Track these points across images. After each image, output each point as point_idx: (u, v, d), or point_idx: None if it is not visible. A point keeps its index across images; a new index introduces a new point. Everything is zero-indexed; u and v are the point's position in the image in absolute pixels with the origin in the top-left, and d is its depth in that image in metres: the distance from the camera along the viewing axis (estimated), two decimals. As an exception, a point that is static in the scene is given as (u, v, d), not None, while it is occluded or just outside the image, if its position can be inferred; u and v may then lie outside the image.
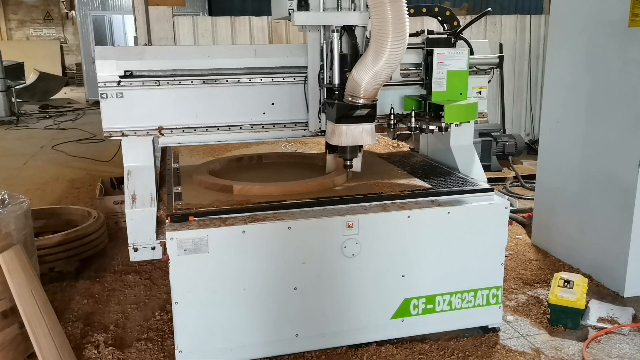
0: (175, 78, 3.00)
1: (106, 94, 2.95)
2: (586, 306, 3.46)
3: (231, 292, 2.86)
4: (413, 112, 3.13)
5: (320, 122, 3.18)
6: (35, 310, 2.87)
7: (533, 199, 5.00)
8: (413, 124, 3.13)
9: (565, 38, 4.28)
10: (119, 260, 4.45)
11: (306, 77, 3.13)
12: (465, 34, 3.33)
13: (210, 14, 13.47)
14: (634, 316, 3.52)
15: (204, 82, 3.04)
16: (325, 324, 3.04)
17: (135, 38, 7.54)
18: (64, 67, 20.45)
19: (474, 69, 3.43)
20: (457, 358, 3.09)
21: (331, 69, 3.01)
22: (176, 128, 3.08)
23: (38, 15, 21.53)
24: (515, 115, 8.20)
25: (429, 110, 3.19)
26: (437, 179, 3.40)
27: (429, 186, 3.25)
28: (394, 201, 3.09)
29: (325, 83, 3.07)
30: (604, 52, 3.89)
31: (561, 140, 4.36)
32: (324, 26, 3.01)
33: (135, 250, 3.00)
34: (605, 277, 3.97)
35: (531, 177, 6.20)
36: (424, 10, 3.30)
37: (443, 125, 3.05)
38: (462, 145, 3.60)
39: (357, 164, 3.27)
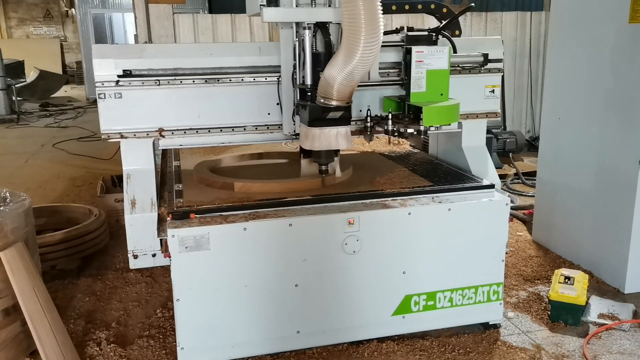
0: (176, 77, 2.94)
1: (104, 94, 2.88)
2: (587, 302, 3.47)
3: (232, 289, 2.86)
4: (390, 115, 2.94)
5: (294, 124, 3.07)
6: (38, 307, 2.88)
7: (534, 196, 5.00)
8: (390, 127, 2.94)
9: (565, 35, 4.28)
10: (120, 257, 4.45)
11: (279, 77, 3.02)
12: (465, 32, 3.28)
13: (210, 12, 13.46)
14: (634, 312, 3.52)
15: (206, 81, 2.99)
16: (326, 321, 3.04)
17: (136, 36, 7.54)
18: (64, 65, 20.43)
19: (458, 67, 3.30)
20: (457, 354, 3.10)
21: (304, 68, 2.88)
22: (177, 129, 3.02)
23: (38, 14, 21.50)
24: (516, 112, 8.20)
25: (408, 112, 3.01)
26: (438, 176, 3.41)
27: (430, 183, 3.25)
28: (394, 198, 3.09)
29: (298, 83, 2.94)
30: (604, 49, 3.89)
31: (562, 137, 4.36)
32: (297, 23, 2.88)
33: (135, 257, 2.95)
34: (606, 273, 3.97)
35: (532, 174, 6.20)
36: (407, 7, 3.21)
37: (422, 128, 2.86)
38: (474, 146, 3.51)
39: (337, 168, 3.19)
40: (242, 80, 3.03)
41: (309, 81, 2.86)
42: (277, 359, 3.05)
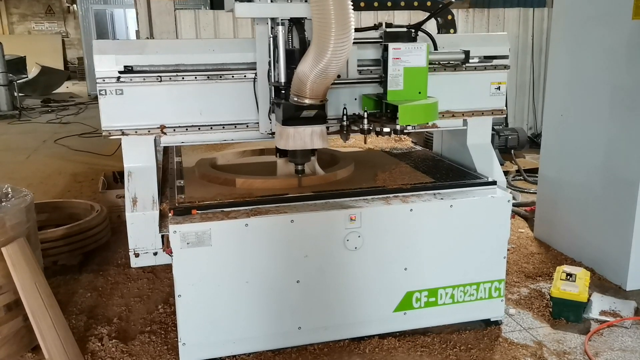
0: (178, 74, 2.91)
1: (105, 90, 2.84)
2: (588, 299, 3.46)
3: (234, 285, 2.86)
4: (366, 113, 2.87)
5: (271, 122, 3.01)
6: (39, 303, 2.88)
7: (535, 193, 4.99)
8: (365, 127, 2.86)
9: (568, 31, 4.26)
10: (122, 253, 4.46)
11: (255, 74, 2.95)
12: (467, 28, 3.24)
13: (211, 8, 13.42)
14: (636, 309, 3.52)
15: (208, 77, 2.95)
16: (327, 317, 3.05)
17: (137, 32, 7.52)
18: (65, 61, 20.42)
19: (437, 64, 3.21)
20: (459, 351, 3.10)
21: (278, 65, 2.81)
22: (179, 126, 2.99)
23: (39, 9, 21.49)
24: (518, 108, 8.18)
25: (386, 111, 2.93)
26: (440, 172, 3.40)
27: (432, 180, 3.25)
28: (396, 194, 3.08)
29: (273, 81, 2.88)
30: (607, 45, 3.87)
31: (564, 134, 4.35)
32: (272, 19, 2.81)
33: (137, 255, 2.91)
34: (608, 270, 3.97)
35: (533, 171, 6.20)
36: (389, 4, 3.16)
37: (398, 127, 2.78)
38: (479, 144, 3.46)
39: (316, 167, 3.14)
40: (245, 76, 2.99)
41: (282, 79, 2.80)
42: (279, 354, 3.05)
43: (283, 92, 2.82)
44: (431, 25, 3.20)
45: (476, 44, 3.34)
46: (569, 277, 3.43)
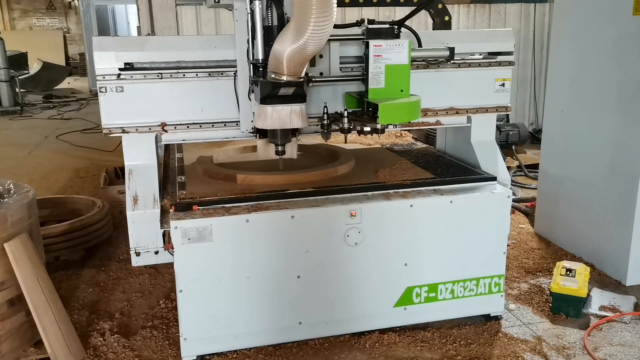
0: (179, 70, 2.89)
1: (105, 87, 2.81)
2: (588, 295, 3.47)
3: (235, 281, 2.88)
4: (346, 112, 2.83)
5: (252, 121, 2.93)
6: (42, 298, 2.90)
7: (536, 188, 5.00)
8: (346, 125, 2.83)
9: (569, 26, 4.25)
10: (124, 249, 4.47)
11: (236, 71, 2.86)
12: (468, 23, 3.22)
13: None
14: (635, 304, 3.53)
15: (209, 74, 2.93)
16: (328, 312, 3.06)
17: (139, 27, 7.52)
18: (67, 57, 20.40)
19: (423, 62, 3.17)
20: (459, 346, 3.11)
21: (255, 42, 2.71)
22: (180, 124, 2.96)
23: (41, 5, 21.45)
24: (519, 104, 8.17)
25: (367, 109, 2.87)
26: (440, 168, 3.40)
27: (432, 175, 3.25)
28: (396, 190, 3.09)
29: (252, 59, 2.77)
30: (608, 41, 3.87)
31: (565, 130, 4.35)
32: None
33: (138, 254, 2.88)
34: (608, 265, 3.98)
35: (534, 167, 6.19)
36: (374, 0, 3.11)
37: (379, 126, 2.74)
38: (483, 141, 3.43)
39: (291, 149, 3.04)
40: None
41: (260, 56, 2.69)
42: (280, 349, 3.07)
43: (261, 69, 2.73)
44: (425, 21, 3.17)
45: (481, 39, 3.33)
46: (568, 272, 3.44)
